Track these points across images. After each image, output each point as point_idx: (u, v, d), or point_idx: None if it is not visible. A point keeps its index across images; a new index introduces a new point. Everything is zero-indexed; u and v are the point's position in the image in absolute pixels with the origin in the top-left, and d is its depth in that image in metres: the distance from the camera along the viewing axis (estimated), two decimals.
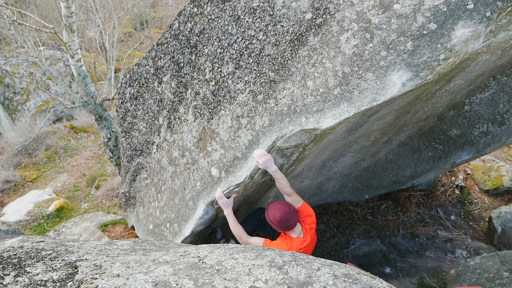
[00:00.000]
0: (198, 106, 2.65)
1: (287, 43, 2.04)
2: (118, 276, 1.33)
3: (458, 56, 1.65)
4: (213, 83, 2.49)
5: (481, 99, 2.97)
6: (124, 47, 13.51)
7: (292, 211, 2.35)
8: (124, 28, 15.34)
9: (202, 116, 2.62)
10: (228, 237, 2.94)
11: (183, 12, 2.70)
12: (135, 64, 3.31)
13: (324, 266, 1.46)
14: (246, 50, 2.24)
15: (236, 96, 2.34)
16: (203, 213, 2.68)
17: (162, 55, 2.93)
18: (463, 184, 4.99)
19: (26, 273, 1.31)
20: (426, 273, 3.67)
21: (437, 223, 4.46)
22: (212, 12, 2.45)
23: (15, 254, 1.51)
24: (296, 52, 2.01)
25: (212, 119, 2.54)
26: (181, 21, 2.72)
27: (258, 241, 2.46)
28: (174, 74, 2.85)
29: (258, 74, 2.19)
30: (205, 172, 2.61)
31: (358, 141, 2.90)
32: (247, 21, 2.22)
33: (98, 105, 5.32)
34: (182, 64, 2.76)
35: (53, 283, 1.26)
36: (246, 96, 2.27)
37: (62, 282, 1.27)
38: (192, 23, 2.62)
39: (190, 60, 2.68)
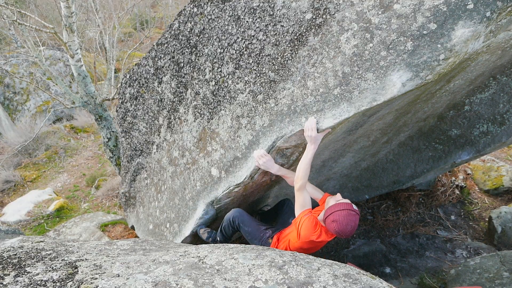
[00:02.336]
0: (198, 106, 2.65)
1: (287, 43, 2.04)
2: (118, 276, 1.33)
3: (458, 56, 1.66)
4: (213, 83, 2.49)
5: (481, 99, 2.97)
6: (124, 47, 13.50)
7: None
8: (124, 28, 15.34)
9: (202, 116, 2.62)
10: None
11: (183, 12, 2.70)
12: (135, 64, 3.31)
13: (324, 266, 1.46)
14: (246, 50, 2.24)
15: (236, 96, 2.34)
16: (203, 213, 2.68)
17: (162, 55, 2.93)
18: (463, 184, 4.99)
19: (26, 273, 1.31)
20: (426, 273, 3.67)
21: (437, 223, 4.46)
22: (212, 12, 2.45)
23: (15, 254, 1.51)
24: (296, 52, 2.01)
25: (212, 119, 2.54)
26: (181, 21, 2.72)
27: (307, 201, 2.18)
28: (174, 74, 2.85)
29: (258, 74, 2.19)
30: (205, 172, 2.61)
31: (358, 141, 2.90)
32: (247, 21, 2.22)
33: (98, 105, 5.32)
34: (182, 64, 2.76)
35: (53, 283, 1.26)
36: (246, 96, 2.27)
37: (62, 282, 1.27)
38: (192, 23, 2.62)
39: (190, 60, 2.68)
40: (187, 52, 2.70)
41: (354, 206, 2.06)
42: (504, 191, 4.81)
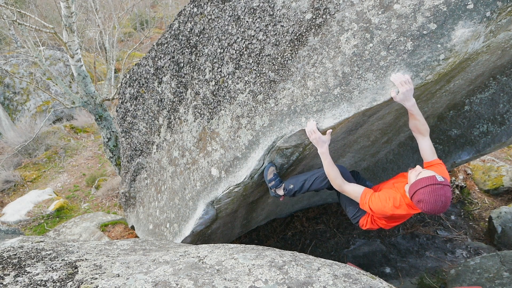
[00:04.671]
0: (198, 106, 2.65)
1: (287, 43, 2.04)
2: (118, 276, 1.33)
3: (458, 56, 1.66)
4: (213, 83, 2.49)
5: (481, 99, 2.97)
6: (124, 47, 13.51)
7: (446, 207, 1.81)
8: (124, 28, 15.34)
9: (202, 116, 2.62)
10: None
11: (183, 12, 2.70)
12: (135, 64, 3.31)
13: (324, 266, 1.46)
14: (246, 50, 2.24)
15: (236, 96, 2.34)
16: (203, 213, 2.68)
17: (162, 55, 2.93)
18: (463, 184, 4.99)
19: (26, 273, 1.31)
20: (426, 273, 3.67)
21: (437, 223, 4.47)
22: (212, 12, 2.45)
23: (15, 254, 1.51)
24: (296, 52, 2.01)
25: (212, 119, 2.54)
26: (181, 21, 2.72)
27: (356, 189, 2.05)
28: (174, 74, 2.85)
29: (258, 74, 2.19)
30: (205, 172, 2.61)
31: (358, 141, 2.90)
32: (247, 21, 2.22)
33: (98, 105, 5.32)
34: (182, 64, 2.76)
35: (53, 283, 1.26)
36: (246, 96, 2.27)
37: (62, 282, 1.27)
38: (192, 23, 2.62)
39: (190, 60, 2.68)
40: (187, 52, 2.70)
41: (439, 178, 1.76)
42: (504, 191, 4.81)
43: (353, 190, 2.06)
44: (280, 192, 2.40)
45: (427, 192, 1.75)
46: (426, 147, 2.01)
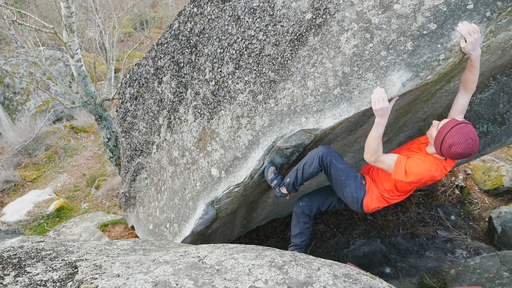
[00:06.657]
0: (198, 106, 2.65)
1: (287, 43, 2.04)
2: (118, 276, 1.33)
3: (458, 56, 1.66)
4: (213, 83, 2.49)
5: (481, 99, 2.97)
6: (124, 47, 13.51)
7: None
8: (124, 28, 15.34)
9: (202, 116, 2.62)
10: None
11: (183, 12, 2.70)
12: (135, 64, 3.31)
13: (324, 266, 1.46)
14: (246, 50, 2.24)
15: (236, 96, 2.34)
16: (203, 213, 2.68)
17: (162, 55, 2.93)
18: (463, 184, 4.99)
19: (26, 273, 1.31)
20: (426, 273, 3.67)
21: (437, 223, 4.46)
22: (212, 12, 2.45)
23: (15, 254, 1.51)
24: (296, 52, 2.01)
25: (212, 119, 2.54)
26: (181, 21, 2.72)
27: (391, 156, 1.99)
28: (174, 74, 2.85)
29: (258, 74, 2.19)
30: (205, 172, 2.61)
31: (358, 141, 2.90)
32: (247, 21, 2.22)
33: (98, 105, 5.32)
34: (182, 64, 2.76)
35: (53, 283, 1.26)
36: (246, 96, 2.27)
37: (62, 282, 1.27)
38: (192, 23, 2.62)
39: (190, 60, 2.68)
40: (187, 52, 2.70)
41: (459, 118, 1.79)
42: (504, 191, 4.81)
43: (389, 159, 1.98)
44: (284, 190, 2.39)
45: (454, 133, 1.76)
46: (462, 103, 1.95)
